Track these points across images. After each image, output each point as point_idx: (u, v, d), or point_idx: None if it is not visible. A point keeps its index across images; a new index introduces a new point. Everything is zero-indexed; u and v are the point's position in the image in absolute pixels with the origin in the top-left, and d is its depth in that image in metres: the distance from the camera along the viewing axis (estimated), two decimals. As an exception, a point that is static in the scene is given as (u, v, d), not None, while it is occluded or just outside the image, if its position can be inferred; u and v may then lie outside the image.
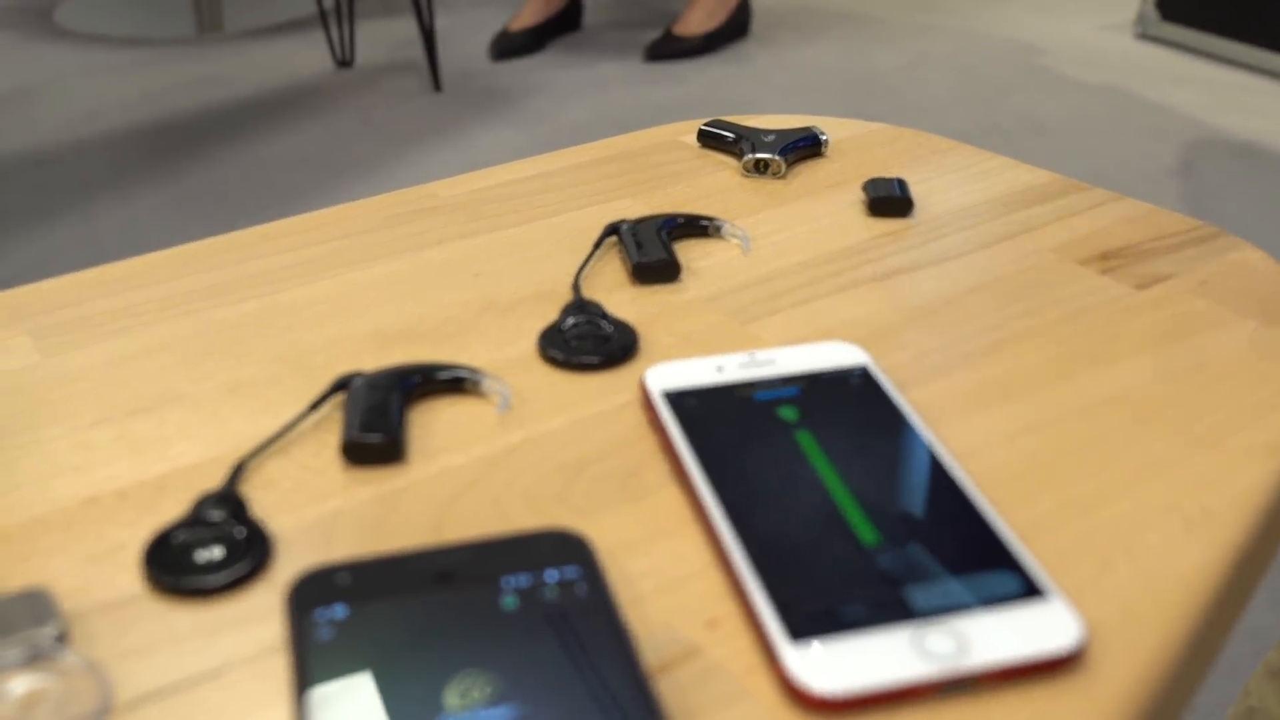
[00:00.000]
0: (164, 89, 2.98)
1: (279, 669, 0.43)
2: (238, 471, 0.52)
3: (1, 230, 2.24)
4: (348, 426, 0.54)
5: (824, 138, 0.85)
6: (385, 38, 3.30)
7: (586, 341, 0.61)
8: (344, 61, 3.12)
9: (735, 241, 0.73)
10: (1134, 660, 0.43)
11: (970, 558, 0.46)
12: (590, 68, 3.10)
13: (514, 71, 3.08)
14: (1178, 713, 0.47)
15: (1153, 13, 3.21)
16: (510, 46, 3.19)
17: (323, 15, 3.10)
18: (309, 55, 3.19)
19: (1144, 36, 3.23)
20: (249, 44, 3.32)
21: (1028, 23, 3.40)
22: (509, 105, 2.86)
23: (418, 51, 3.06)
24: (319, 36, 3.25)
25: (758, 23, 3.40)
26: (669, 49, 3.16)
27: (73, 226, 2.27)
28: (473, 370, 0.59)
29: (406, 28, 3.22)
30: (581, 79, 3.02)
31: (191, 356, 0.62)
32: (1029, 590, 0.44)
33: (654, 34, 3.24)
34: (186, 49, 3.29)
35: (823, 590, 0.44)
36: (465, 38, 3.27)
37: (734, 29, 3.26)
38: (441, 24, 3.21)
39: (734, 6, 3.26)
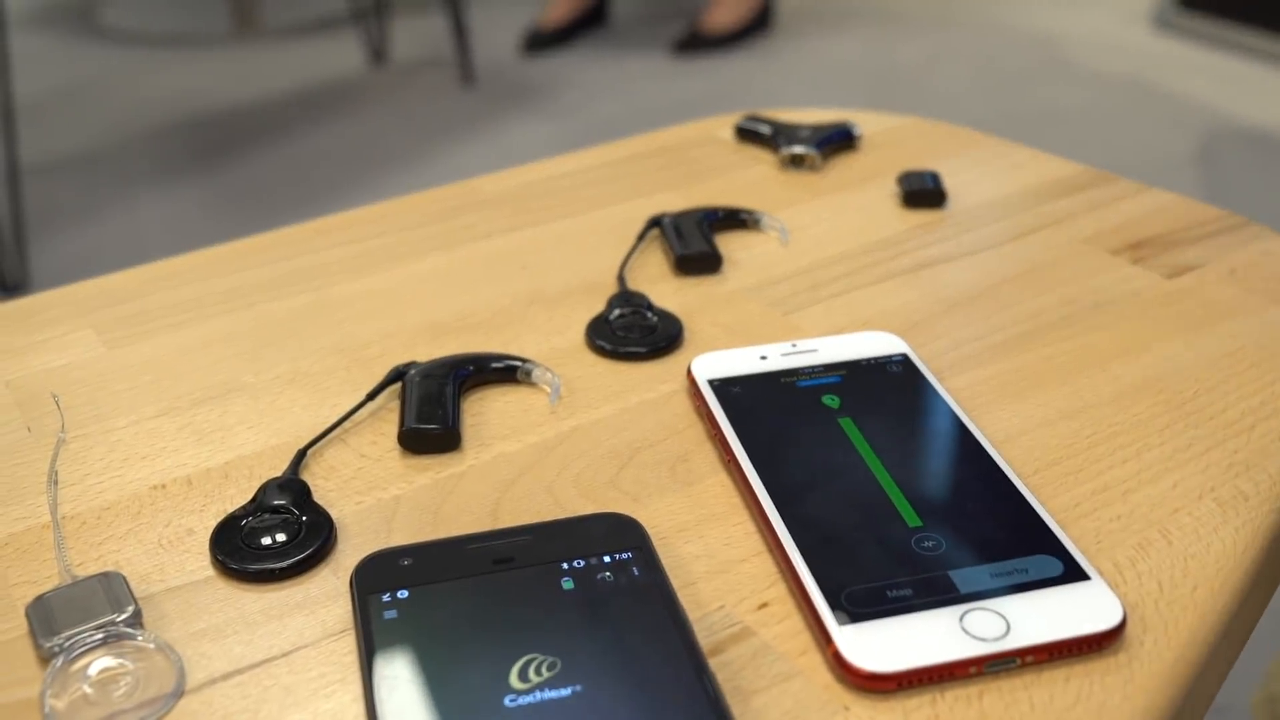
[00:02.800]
0: (202, 86, 3.01)
1: (346, 650, 0.45)
2: (300, 459, 0.54)
3: (49, 225, 2.27)
4: (405, 416, 0.56)
5: (857, 132, 0.86)
6: (418, 34, 3.32)
7: (633, 332, 0.63)
8: (378, 58, 3.14)
9: (774, 234, 0.75)
10: (1172, 639, 0.44)
11: (1012, 540, 0.47)
12: (618, 63, 3.12)
13: (544, 67, 3.10)
14: (1214, 690, 0.48)
15: (1171, 2, 3.20)
16: (540, 42, 3.21)
17: (357, 12, 3.12)
18: (343, 52, 3.21)
19: (1163, 26, 3.22)
20: (285, 41, 3.35)
21: (1047, 14, 3.40)
22: (540, 100, 2.87)
23: (450, 47, 3.07)
24: (353, 33, 3.27)
25: (780, 17, 3.40)
26: (694, 44, 3.17)
27: (117, 221, 2.30)
28: (524, 360, 0.60)
29: (438, 24, 3.24)
30: (610, 74, 3.03)
31: (250, 349, 0.64)
32: (1070, 571, 0.46)
33: (679, 29, 3.25)
34: (224, 47, 3.32)
35: (871, 573, 0.46)
36: (496, 33, 3.28)
37: (757, 23, 3.27)
38: (472, 20, 3.23)
39: (758, 2, 3.27)
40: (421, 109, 2.85)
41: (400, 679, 0.42)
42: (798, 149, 0.83)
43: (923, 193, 0.77)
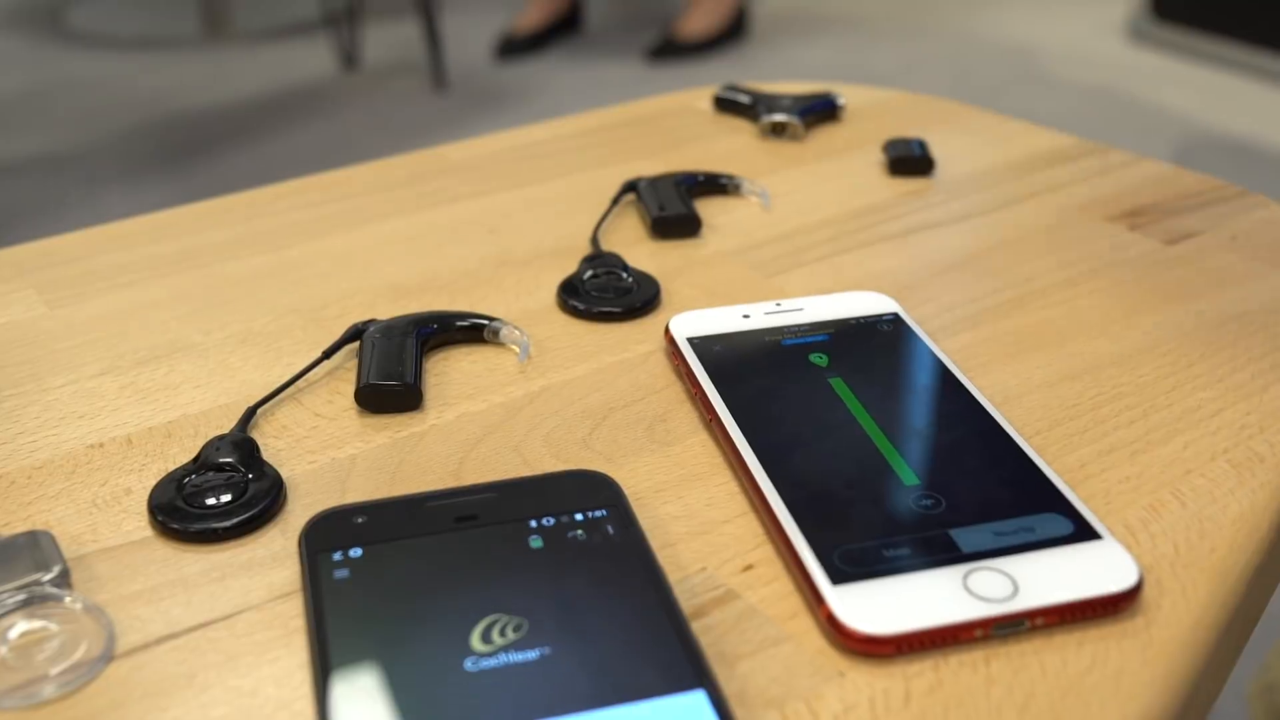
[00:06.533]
0: (172, 89, 2.96)
1: (294, 613, 0.41)
2: (249, 416, 0.50)
3: (14, 226, 2.23)
4: (363, 373, 0.52)
5: (840, 102, 0.83)
6: (390, 38, 3.29)
7: (607, 292, 0.59)
8: (350, 62, 3.10)
9: (755, 199, 0.71)
10: (1191, 602, 0.41)
11: (1017, 499, 0.44)
12: (592, 69, 3.09)
13: (517, 72, 3.06)
14: (1233, 660, 0.45)
15: (1146, 13, 3.19)
16: (513, 47, 3.18)
17: (328, 17, 3.09)
18: (315, 56, 3.17)
19: (1137, 37, 3.21)
20: (256, 45, 3.30)
21: (1022, 24, 3.38)
22: (513, 106, 2.84)
23: (422, 52, 3.04)
24: (325, 38, 3.23)
25: (755, 25, 3.38)
26: (669, 51, 3.14)
27: (82, 222, 2.26)
28: (491, 318, 0.57)
29: (411, 29, 3.20)
30: (584, 80, 3.00)
31: (202, 309, 0.60)
32: (1080, 531, 0.42)
33: (654, 36, 3.22)
34: (194, 50, 3.27)
35: (865, 532, 0.42)
36: (469, 39, 3.25)
37: (732, 31, 3.25)
38: (445, 25, 3.19)
39: (732, 9, 3.24)
40: (393, 114, 2.82)
41: (351, 641, 0.38)
42: (779, 117, 0.80)
43: (909, 160, 0.74)
